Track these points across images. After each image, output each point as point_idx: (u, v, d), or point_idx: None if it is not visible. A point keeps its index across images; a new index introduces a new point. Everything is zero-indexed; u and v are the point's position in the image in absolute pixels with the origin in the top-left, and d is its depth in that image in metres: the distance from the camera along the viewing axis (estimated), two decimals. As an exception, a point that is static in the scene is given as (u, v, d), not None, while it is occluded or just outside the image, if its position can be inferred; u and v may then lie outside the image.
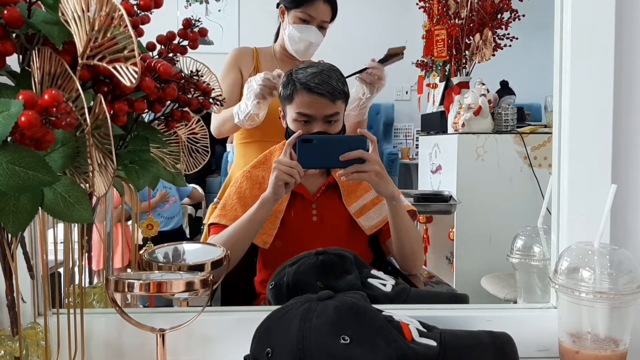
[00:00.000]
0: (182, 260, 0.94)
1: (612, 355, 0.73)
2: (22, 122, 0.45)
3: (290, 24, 1.71)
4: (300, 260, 0.98)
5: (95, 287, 0.94)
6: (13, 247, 0.62)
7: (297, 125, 1.31)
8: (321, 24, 1.71)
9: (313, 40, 1.70)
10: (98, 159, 0.54)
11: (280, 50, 1.81)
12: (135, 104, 0.60)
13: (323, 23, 1.71)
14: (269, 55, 1.84)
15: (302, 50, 1.72)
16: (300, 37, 1.70)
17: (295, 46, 1.72)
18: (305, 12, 1.68)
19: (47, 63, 0.52)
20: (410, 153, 4.72)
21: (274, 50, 1.84)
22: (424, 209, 2.35)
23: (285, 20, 1.74)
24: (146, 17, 0.64)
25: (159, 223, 1.14)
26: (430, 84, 2.99)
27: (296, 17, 1.70)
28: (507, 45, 2.59)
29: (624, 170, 0.87)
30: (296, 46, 1.72)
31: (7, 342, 0.69)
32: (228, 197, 1.40)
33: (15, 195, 0.51)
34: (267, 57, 1.83)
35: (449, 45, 2.62)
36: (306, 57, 1.74)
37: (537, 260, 0.97)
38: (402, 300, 0.97)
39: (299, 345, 0.67)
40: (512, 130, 2.42)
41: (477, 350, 0.72)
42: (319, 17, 1.69)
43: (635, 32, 0.86)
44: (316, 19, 1.69)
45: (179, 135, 0.82)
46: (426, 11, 2.80)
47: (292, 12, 1.70)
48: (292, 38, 1.71)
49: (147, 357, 0.84)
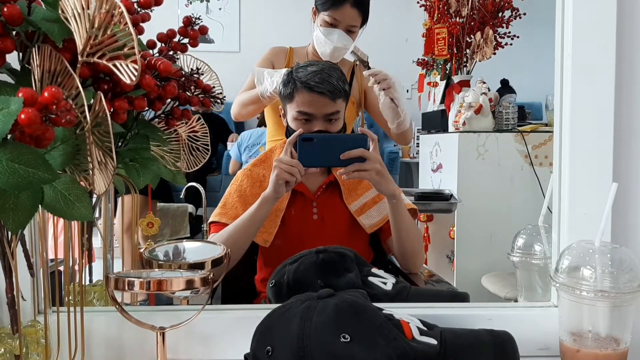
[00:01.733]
0: (183, 259, 0.94)
1: (613, 354, 0.73)
2: (22, 120, 0.45)
3: (318, 27, 1.71)
4: (301, 259, 0.98)
5: (96, 285, 0.94)
6: (13, 245, 0.62)
7: (298, 123, 1.31)
8: (349, 27, 1.69)
9: (338, 44, 1.69)
10: (98, 157, 0.54)
11: (313, 51, 1.81)
12: (136, 102, 0.60)
13: (351, 27, 1.69)
14: (303, 55, 1.84)
15: (327, 53, 1.71)
16: (325, 41, 1.69)
17: (322, 48, 1.72)
18: (331, 15, 1.68)
19: (47, 61, 0.52)
20: (411, 152, 4.72)
21: (307, 51, 1.84)
22: (424, 207, 2.35)
23: (315, 22, 1.74)
24: (146, 15, 0.64)
25: (159, 221, 1.14)
26: (431, 82, 2.99)
27: (323, 20, 1.69)
28: (508, 44, 2.59)
29: (625, 169, 0.87)
30: (322, 48, 1.72)
31: (7, 340, 0.69)
32: (228, 195, 1.40)
33: (15, 193, 0.51)
34: (301, 57, 1.83)
35: (449, 43, 2.62)
36: (333, 59, 1.72)
37: (538, 259, 0.97)
38: (403, 299, 0.97)
39: (300, 344, 0.67)
40: (513, 129, 2.42)
41: (478, 349, 0.72)
42: (346, 22, 1.68)
43: (636, 30, 0.86)
44: (342, 22, 1.68)
45: (180, 133, 0.82)
46: (427, 9, 2.79)
47: (321, 14, 1.70)
48: (319, 40, 1.72)
49: (147, 355, 0.84)
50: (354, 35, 1.71)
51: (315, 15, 1.74)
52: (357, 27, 1.72)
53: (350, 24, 1.69)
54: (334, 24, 1.68)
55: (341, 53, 1.72)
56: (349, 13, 1.68)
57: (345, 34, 1.69)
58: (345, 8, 1.67)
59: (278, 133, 1.83)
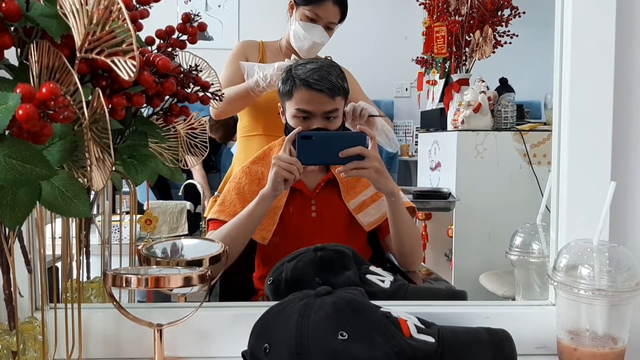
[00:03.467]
0: (181, 256, 0.94)
1: (611, 353, 0.73)
2: (19, 116, 0.44)
3: (296, 21, 1.69)
4: (299, 256, 0.98)
5: (93, 282, 0.94)
6: (10, 241, 0.62)
7: (297, 121, 1.31)
8: (328, 24, 1.69)
9: (317, 40, 1.69)
10: (96, 153, 0.54)
11: (286, 45, 1.79)
12: (134, 99, 0.60)
13: (330, 24, 1.69)
14: (275, 49, 1.83)
15: (305, 48, 1.70)
16: (304, 35, 1.68)
17: (299, 43, 1.71)
18: (313, 10, 1.67)
19: (45, 56, 0.52)
20: (409, 150, 4.72)
21: (280, 45, 1.83)
22: (423, 206, 2.35)
23: (293, 16, 1.72)
24: (145, 11, 0.63)
25: (158, 219, 1.14)
26: (430, 81, 2.99)
27: (303, 15, 1.68)
28: (507, 43, 2.58)
29: (624, 168, 0.87)
30: (300, 43, 1.71)
31: (5, 337, 0.69)
32: (227, 192, 1.40)
33: (13, 189, 0.51)
34: (274, 51, 1.82)
35: (449, 42, 2.61)
36: (310, 55, 1.72)
37: (536, 258, 0.97)
38: (401, 297, 0.97)
39: (297, 341, 0.67)
40: (512, 127, 2.42)
41: (475, 347, 0.72)
42: (327, 18, 1.68)
43: (635, 29, 0.86)
44: (323, 19, 1.67)
45: (178, 130, 0.82)
46: (426, 8, 2.79)
47: (301, 8, 1.68)
48: (297, 35, 1.70)
49: (145, 352, 0.84)
50: (331, 32, 1.71)
51: (293, 9, 1.72)
52: (336, 24, 1.71)
53: (330, 20, 1.69)
54: (314, 19, 1.68)
55: (318, 49, 1.72)
56: (330, 9, 1.67)
57: (325, 30, 1.69)
58: (327, 4, 1.66)
59: (253, 128, 1.81)
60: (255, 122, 1.77)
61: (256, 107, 1.76)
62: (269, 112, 1.69)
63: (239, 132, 1.88)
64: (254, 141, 1.78)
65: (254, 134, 1.80)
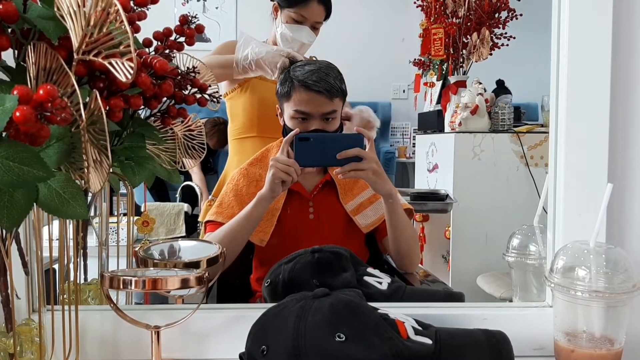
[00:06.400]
0: (178, 258, 0.94)
1: (608, 354, 0.73)
2: (16, 117, 0.44)
3: (282, 23, 1.69)
4: (296, 258, 0.98)
5: (91, 284, 0.93)
6: (8, 242, 0.62)
7: (295, 122, 1.31)
8: (314, 24, 1.68)
9: (305, 41, 1.68)
10: (93, 155, 0.54)
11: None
12: (131, 100, 0.60)
13: (316, 24, 1.69)
14: None
15: (294, 50, 1.70)
16: (292, 37, 1.67)
17: (287, 45, 1.69)
18: (298, 12, 1.66)
19: (42, 58, 0.52)
20: (407, 152, 4.72)
21: None
22: (420, 207, 2.35)
23: (278, 18, 1.71)
24: (143, 13, 0.63)
25: (155, 220, 1.14)
26: (428, 82, 2.99)
27: (289, 17, 1.67)
28: (504, 45, 2.59)
29: (620, 170, 0.87)
30: (288, 46, 1.69)
31: (2, 339, 0.69)
32: (225, 194, 1.40)
33: (10, 191, 0.51)
34: None
35: (446, 44, 2.62)
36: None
37: (533, 259, 0.97)
38: (398, 299, 0.97)
39: (295, 343, 0.67)
40: (509, 129, 2.42)
41: (473, 349, 0.72)
42: (312, 18, 1.67)
43: (632, 31, 0.86)
44: (309, 19, 1.67)
45: (175, 132, 0.82)
46: (424, 10, 2.79)
47: (285, 11, 1.67)
48: (285, 37, 1.69)
49: (142, 354, 0.84)
50: (317, 32, 1.71)
51: (277, 11, 1.71)
52: (321, 23, 1.71)
53: (316, 20, 1.68)
54: (300, 20, 1.67)
55: (306, 50, 1.71)
56: (315, 10, 1.66)
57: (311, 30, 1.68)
58: (312, 5, 1.66)
59: (247, 130, 1.80)
60: (250, 124, 1.77)
61: (251, 108, 1.76)
62: (263, 114, 1.68)
63: (231, 135, 1.86)
64: (248, 143, 1.77)
65: (248, 136, 1.79)
